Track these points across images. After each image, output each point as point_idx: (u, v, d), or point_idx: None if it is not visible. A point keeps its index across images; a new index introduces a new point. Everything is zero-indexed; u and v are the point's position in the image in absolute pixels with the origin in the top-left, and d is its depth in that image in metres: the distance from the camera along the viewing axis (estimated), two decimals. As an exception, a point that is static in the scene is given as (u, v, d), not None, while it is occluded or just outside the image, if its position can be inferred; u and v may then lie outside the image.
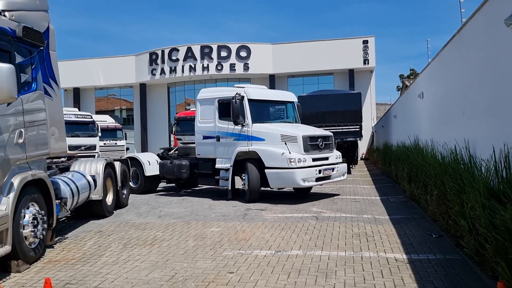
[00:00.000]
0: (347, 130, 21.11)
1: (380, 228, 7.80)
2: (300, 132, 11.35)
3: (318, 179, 11.37)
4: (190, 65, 34.61)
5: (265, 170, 11.14)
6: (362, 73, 34.00)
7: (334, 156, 12.05)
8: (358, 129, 21.74)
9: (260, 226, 8.23)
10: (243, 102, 11.75)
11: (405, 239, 6.94)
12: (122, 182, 10.86)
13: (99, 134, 23.29)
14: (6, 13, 5.94)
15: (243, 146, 11.65)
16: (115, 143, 26.65)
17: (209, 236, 7.47)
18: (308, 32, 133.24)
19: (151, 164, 14.00)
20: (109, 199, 9.94)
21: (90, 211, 9.34)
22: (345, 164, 12.71)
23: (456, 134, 7.66)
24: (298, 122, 13.22)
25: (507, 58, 5.27)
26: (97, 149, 22.65)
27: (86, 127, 22.42)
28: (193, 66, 34.57)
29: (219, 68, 34.25)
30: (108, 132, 26.31)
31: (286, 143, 11.06)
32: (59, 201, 7.12)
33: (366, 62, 33.10)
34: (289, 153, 10.84)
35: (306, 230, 7.77)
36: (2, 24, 5.73)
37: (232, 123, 11.79)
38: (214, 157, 12.33)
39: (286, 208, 10.25)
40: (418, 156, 10.05)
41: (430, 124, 10.86)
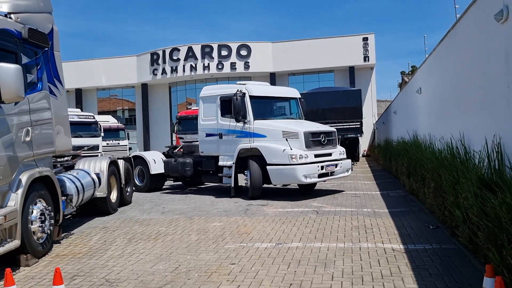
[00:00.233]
0: (348, 127, 21.26)
1: (379, 221, 7.97)
2: (302, 128, 11.28)
3: (321, 175, 11.33)
4: (191, 65, 34.77)
5: (267, 167, 11.14)
6: (363, 70, 34.07)
7: (338, 152, 11.96)
8: (359, 126, 21.89)
9: (261, 221, 8.40)
10: (245, 99, 11.71)
11: (403, 231, 7.11)
12: (126, 180, 11.04)
13: (102, 134, 23.48)
14: (12, 16, 6.13)
15: (245, 143, 11.62)
16: (118, 143, 26.88)
17: (212, 230, 7.65)
18: (308, 30, 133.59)
19: (157, 163, 14.13)
20: (113, 197, 10.14)
21: (95, 208, 9.55)
22: (349, 160, 12.58)
23: (452, 128, 7.81)
24: (302, 119, 13.09)
25: (498, 53, 5.42)
26: (100, 149, 22.82)
27: (89, 128, 22.59)
28: (194, 66, 34.72)
29: (220, 67, 34.40)
30: (111, 132, 26.54)
31: (288, 140, 11.01)
32: (65, 198, 7.31)
33: (367, 59, 33.16)
34: (290, 150, 10.81)
35: (307, 224, 7.93)
36: (9, 26, 5.91)
37: (234, 120, 11.77)
38: (217, 155, 12.33)
39: (287, 204, 10.41)
40: (417, 151, 10.19)
41: (428, 119, 11.00)
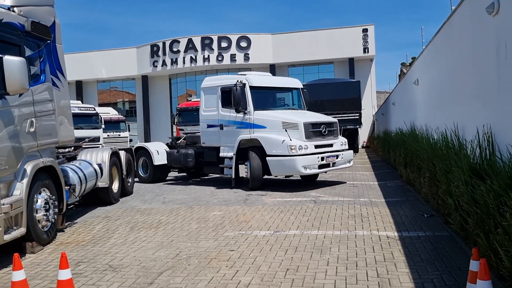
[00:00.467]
0: (347, 118, 21.39)
1: (375, 210, 8.14)
2: (301, 119, 11.26)
3: (322, 166, 11.29)
4: (191, 57, 34.83)
5: (267, 158, 11.15)
6: (362, 62, 34.09)
7: (339, 143, 11.90)
8: (358, 117, 22.03)
9: (260, 210, 8.58)
10: (245, 90, 11.66)
11: (398, 219, 7.29)
12: (127, 171, 11.22)
13: (103, 126, 23.62)
14: (15, 9, 6.26)
15: (246, 134, 11.61)
16: (119, 135, 27.03)
17: (211, 219, 7.84)
18: (308, 21, 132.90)
19: (160, 154, 14.21)
20: (115, 187, 10.32)
21: (97, 198, 9.73)
22: (351, 151, 12.51)
23: (448, 119, 7.96)
24: (305, 109, 13.01)
25: (490, 45, 5.55)
26: (101, 141, 22.97)
27: (90, 119, 22.72)
28: (194, 58, 34.77)
29: (220, 59, 34.46)
30: (112, 124, 26.68)
31: (287, 130, 10.99)
32: (68, 188, 7.49)
33: (366, 51, 33.17)
34: (290, 140, 10.79)
35: (304, 213, 8.11)
36: (12, 19, 6.05)
37: (234, 111, 11.75)
38: (218, 146, 12.34)
39: (286, 194, 10.58)
40: (414, 142, 10.33)
41: (425, 110, 11.14)
